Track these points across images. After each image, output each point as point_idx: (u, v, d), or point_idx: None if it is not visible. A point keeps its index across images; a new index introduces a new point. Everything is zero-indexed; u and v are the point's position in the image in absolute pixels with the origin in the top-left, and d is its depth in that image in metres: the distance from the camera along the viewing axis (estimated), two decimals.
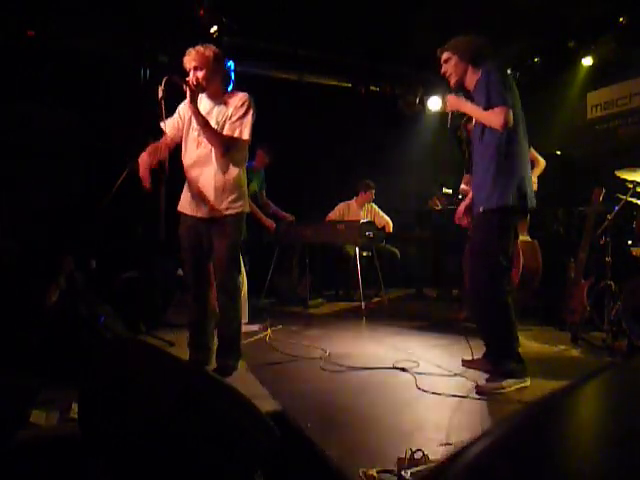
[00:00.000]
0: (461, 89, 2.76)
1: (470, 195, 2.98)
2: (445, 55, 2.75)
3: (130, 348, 1.30)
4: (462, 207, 3.09)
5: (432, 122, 6.93)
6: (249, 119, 2.69)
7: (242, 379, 2.68)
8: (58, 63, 4.58)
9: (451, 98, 2.73)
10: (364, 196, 5.89)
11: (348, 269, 5.39)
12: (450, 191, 5.65)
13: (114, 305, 3.18)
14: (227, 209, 2.71)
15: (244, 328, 4.06)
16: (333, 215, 5.88)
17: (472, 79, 2.69)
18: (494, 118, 2.46)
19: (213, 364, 2.81)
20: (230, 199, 2.72)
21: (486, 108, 2.49)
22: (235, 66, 5.30)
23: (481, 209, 2.57)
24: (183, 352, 2.84)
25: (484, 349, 2.85)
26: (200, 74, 2.63)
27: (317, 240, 5.20)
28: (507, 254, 2.56)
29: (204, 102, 2.76)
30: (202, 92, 2.70)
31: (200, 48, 2.66)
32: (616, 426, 0.46)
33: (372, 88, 6.54)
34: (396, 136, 6.67)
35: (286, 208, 5.44)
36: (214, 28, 4.85)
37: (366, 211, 5.97)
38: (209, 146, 2.68)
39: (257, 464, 1.11)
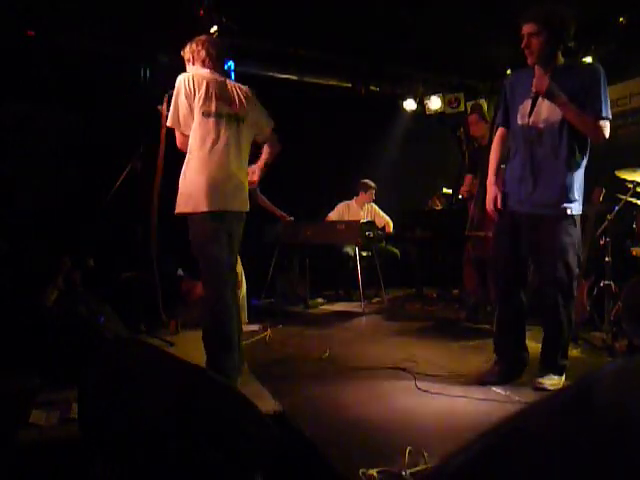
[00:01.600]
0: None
1: (493, 190, 2.66)
2: (531, 27, 2.36)
3: (130, 348, 1.30)
4: (498, 196, 2.64)
5: (432, 122, 6.93)
6: (173, 103, 2.47)
7: (242, 379, 2.68)
8: (58, 63, 4.58)
9: (548, 81, 2.33)
10: (364, 196, 5.89)
11: (348, 269, 5.39)
12: (450, 191, 5.65)
13: (114, 305, 3.18)
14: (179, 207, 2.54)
15: (244, 328, 4.06)
16: (333, 215, 5.87)
17: (554, 64, 2.42)
18: (601, 131, 2.38)
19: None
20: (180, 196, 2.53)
21: (595, 116, 2.37)
22: (235, 66, 5.30)
23: (568, 212, 2.46)
24: (183, 352, 2.84)
25: (495, 358, 2.74)
26: None
27: (317, 240, 5.20)
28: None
29: None
30: None
31: (192, 43, 2.63)
32: (616, 426, 0.46)
33: (372, 88, 6.53)
34: (396, 136, 6.67)
35: (286, 208, 5.44)
36: (214, 28, 4.84)
37: (366, 211, 5.97)
38: None
39: (257, 464, 1.11)
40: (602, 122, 2.39)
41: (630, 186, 3.37)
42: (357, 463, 1.67)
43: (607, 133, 2.41)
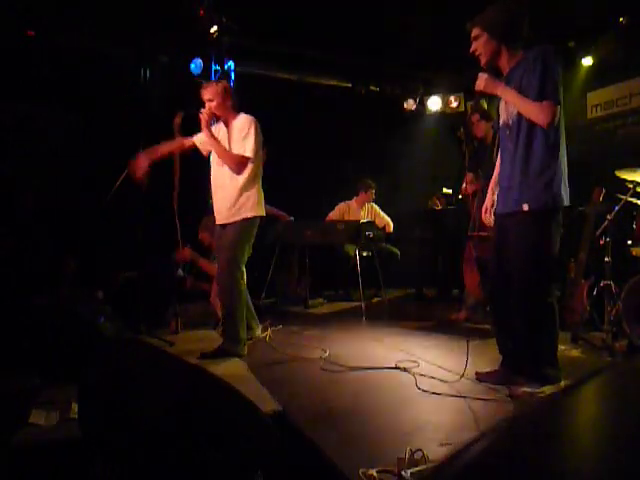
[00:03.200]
0: (493, 70, 2.45)
1: (491, 193, 2.73)
2: (474, 31, 2.42)
3: (130, 348, 1.30)
4: (488, 205, 2.73)
5: (432, 122, 6.93)
6: (251, 139, 3.15)
7: (242, 379, 2.68)
8: (58, 63, 4.58)
9: (485, 78, 2.39)
10: (364, 196, 5.89)
11: (348, 269, 5.38)
12: (450, 191, 5.65)
13: (114, 305, 3.18)
14: (232, 216, 3.24)
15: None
16: (333, 215, 5.87)
17: (507, 60, 2.41)
18: (540, 113, 2.23)
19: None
20: (235, 208, 3.25)
21: (536, 99, 2.24)
22: (235, 66, 5.30)
23: (526, 207, 2.33)
24: (183, 352, 2.84)
25: (500, 358, 2.66)
26: (212, 104, 3.18)
27: (317, 240, 5.20)
28: (556, 256, 2.40)
29: (220, 127, 3.31)
30: (216, 119, 3.27)
31: (212, 83, 3.29)
32: (615, 426, 0.46)
33: (372, 88, 6.54)
34: (396, 136, 6.67)
35: (286, 208, 5.44)
36: (214, 28, 4.85)
37: (366, 211, 5.96)
38: (225, 165, 3.21)
39: (257, 464, 1.11)
40: (543, 104, 2.24)
41: (630, 186, 3.37)
42: (357, 463, 1.67)
43: (549, 116, 2.22)
